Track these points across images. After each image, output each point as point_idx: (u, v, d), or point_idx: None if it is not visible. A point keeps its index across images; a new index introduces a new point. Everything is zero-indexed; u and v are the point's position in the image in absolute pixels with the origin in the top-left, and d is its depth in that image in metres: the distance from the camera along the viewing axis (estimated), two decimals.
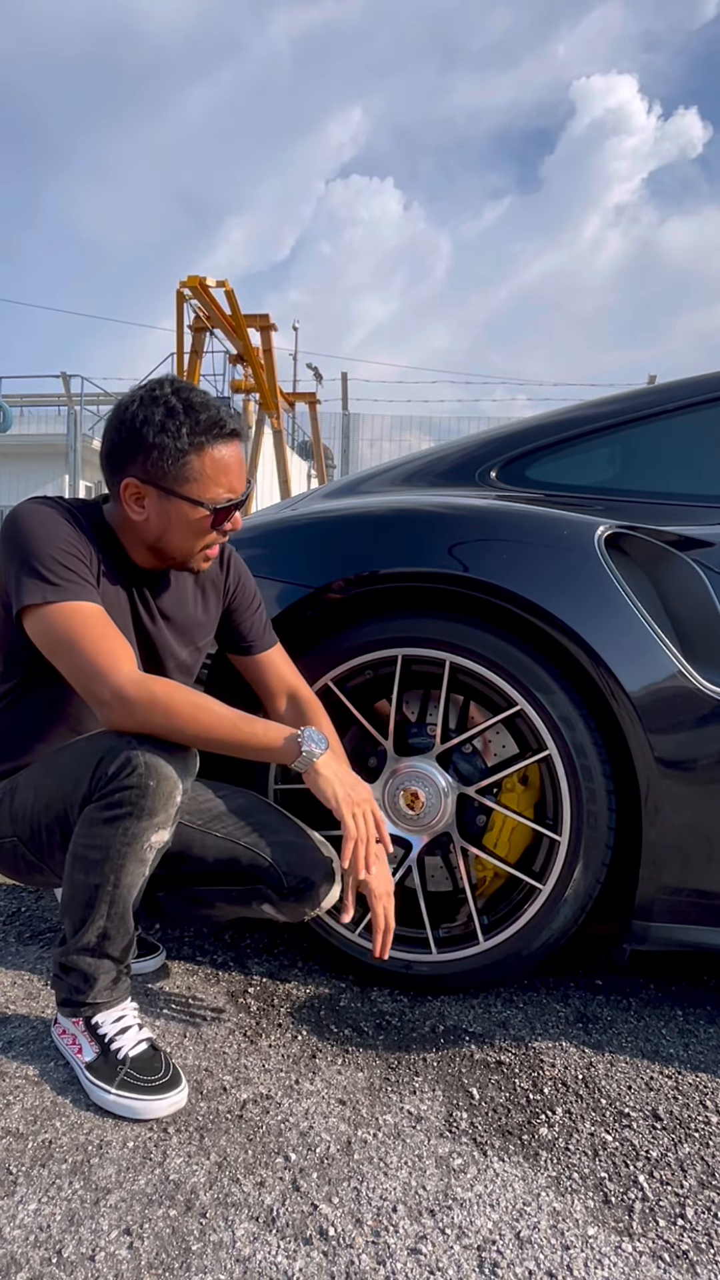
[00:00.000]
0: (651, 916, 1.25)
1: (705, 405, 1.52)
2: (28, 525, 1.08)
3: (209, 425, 1.09)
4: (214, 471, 1.11)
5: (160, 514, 1.12)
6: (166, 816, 1.06)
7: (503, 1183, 0.97)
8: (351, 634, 1.38)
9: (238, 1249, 0.86)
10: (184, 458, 1.09)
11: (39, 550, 1.07)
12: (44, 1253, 0.85)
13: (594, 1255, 0.87)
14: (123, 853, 1.05)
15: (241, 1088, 1.12)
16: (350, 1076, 1.16)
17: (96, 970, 1.10)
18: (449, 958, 1.35)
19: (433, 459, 1.72)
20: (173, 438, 1.08)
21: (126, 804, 1.03)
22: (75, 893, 1.08)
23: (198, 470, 1.10)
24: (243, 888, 1.18)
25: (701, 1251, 0.88)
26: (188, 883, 1.21)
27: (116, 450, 1.12)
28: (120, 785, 1.03)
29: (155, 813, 1.05)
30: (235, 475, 1.13)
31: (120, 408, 1.12)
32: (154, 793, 1.03)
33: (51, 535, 1.08)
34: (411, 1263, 0.85)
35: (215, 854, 1.19)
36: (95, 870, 1.06)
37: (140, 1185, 0.94)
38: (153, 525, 1.13)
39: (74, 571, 1.08)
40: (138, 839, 1.05)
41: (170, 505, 1.11)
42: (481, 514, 1.38)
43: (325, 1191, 0.94)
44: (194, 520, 1.12)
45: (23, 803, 1.14)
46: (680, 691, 1.21)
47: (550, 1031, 1.29)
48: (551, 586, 1.26)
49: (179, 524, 1.12)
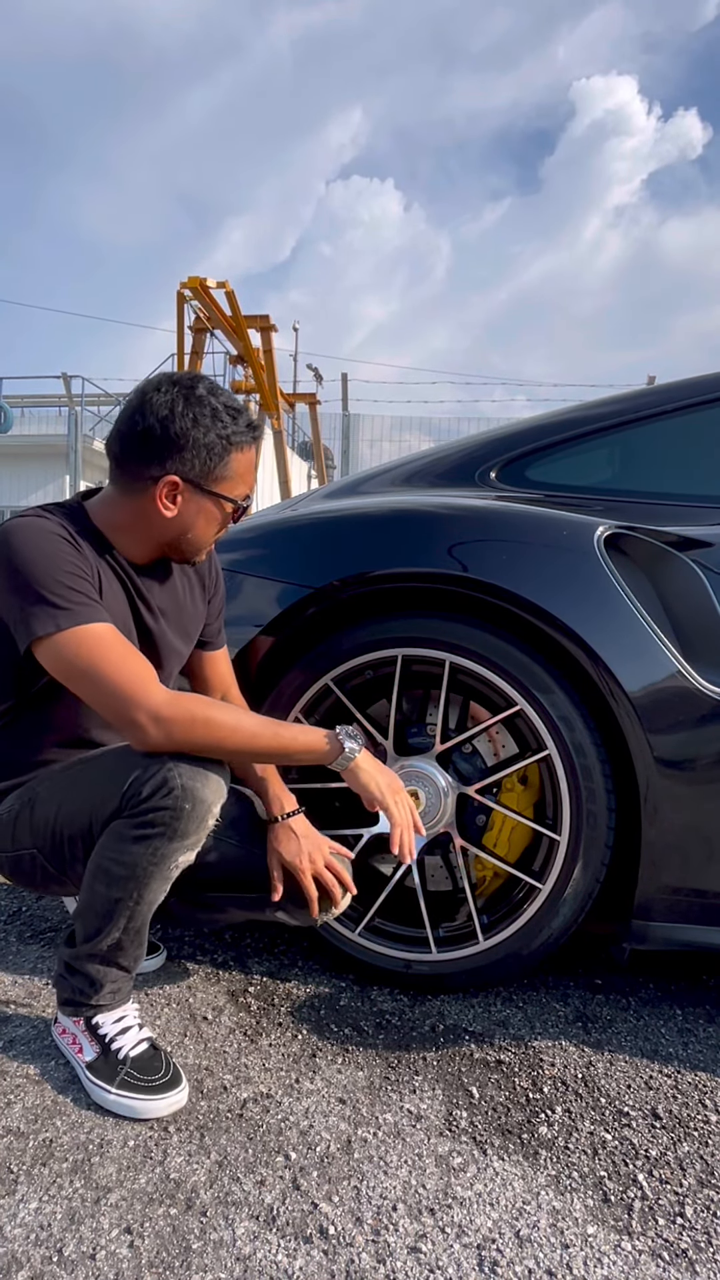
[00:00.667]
0: (651, 916, 1.25)
1: (704, 406, 1.53)
2: (23, 550, 1.03)
3: (247, 428, 1.13)
4: (244, 470, 1.14)
5: (193, 511, 1.12)
6: (198, 839, 1.06)
7: (502, 1181, 0.97)
8: (351, 634, 1.38)
9: (238, 1247, 0.86)
10: (226, 458, 1.11)
11: (40, 576, 1.02)
12: (45, 1251, 0.85)
13: (593, 1254, 0.87)
14: (149, 872, 1.05)
15: (242, 1087, 1.13)
16: (350, 1075, 1.16)
17: (103, 977, 1.10)
18: (449, 957, 1.35)
19: (433, 459, 1.72)
20: (221, 438, 1.09)
21: (159, 824, 1.03)
22: (94, 902, 1.08)
23: (234, 470, 1.12)
24: (256, 895, 1.19)
25: (701, 1250, 0.88)
26: (200, 888, 1.21)
27: (154, 446, 1.08)
28: (155, 806, 1.02)
29: (187, 835, 1.05)
30: (254, 473, 1.17)
31: (155, 403, 1.08)
32: (188, 815, 1.03)
33: (50, 557, 1.04)
34: (411, 1261, 0.85)
35: (229, 861, 1.18)
36: (118, 885, 1.05)
37: (141, 1184, 0.94)
38: (180, 522, 1.12)
39: (80, 592, 1.04)
40: (166, 860, 1.05)
41: (205, 503, 1.12)
42: (481, 514, 1.38)
43: (325, 1190, 0.95)
44: (219, 516, 1.15)
45: (45, 815, 1.12)
46: (679, 691, 1.21)
47: (550, 1031, 1.29)
48: (551, 587, 1.26)
49: (205, 520, 1.13)
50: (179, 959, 1.49)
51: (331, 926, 1.41)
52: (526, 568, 1.28)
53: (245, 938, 1.58)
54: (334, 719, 1.46)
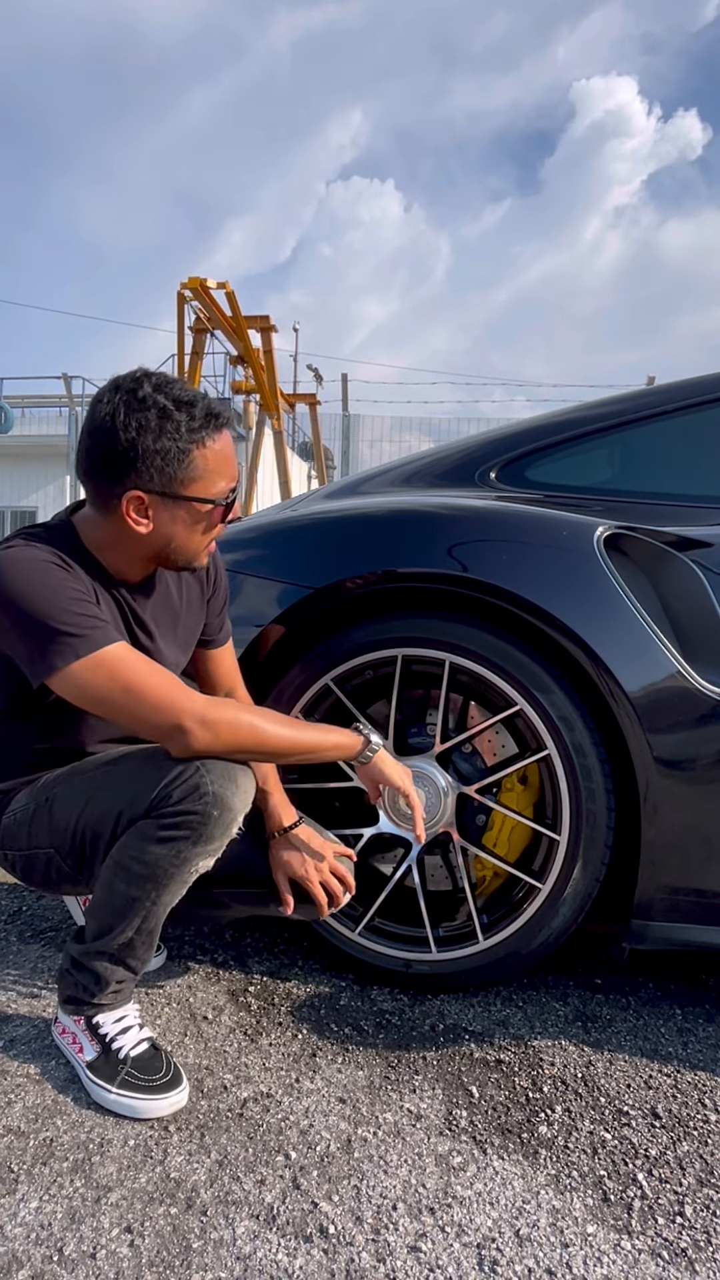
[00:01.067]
0: (650, 915, 1.25)
1: (704, 406, 1.53)
2: (20, 584, 1.00)
3: (205, 419, 1.04)
4: (216, 465, 1.06)
5: (168, 521, 1.06)
6: (220, 845, 1.07)
7: (502, 1181, 0.97)
8: (352, 634, 1.38)
9: (238, 1247, 0.86)
10: (187, 458, 1.03)
11: (46, 608, 0.99)
12: (45, 1250, 0.85)
13: (593, 1253, 0.87)
14: (170, 874, 1.05)
15: (242, 1086, 1.13)
16: (350, 1075, 1.16)
17: (110, 975, 1.11)
18: (449, 956, 1.35)
19: (432, 460, 1.72)
20: (172, 439, 1.01)
21: (186, 828, 1.03)
22: (110, 899, 1.07)
23: (201, 468, 1.04)
24: (260, 890, 1.19)
25: (700, 1249, 0.88)
26: (204, 885, 1.21)
27: (110, 463, 1.02)
28: (186, 810, 1.02)
29: (212, 839, 1.05)
30: (233, 464, 1.09)
31: (100, 416, 1.02)
32: (216, 821, 1.03)
33: (49, 587, 1.01)
34: (411, 1260, 0.86)
35: (235, 858, 1.18)
36: (137, 884, 1.05)
37: (141, 1183, 0.95)
38: (158, 535, 1.07)
39: (89, 616, 1.02)
40: (188, 863, 1.05)
41: (178, 510, 1.06)
42: (481, 514, 1.39)
43: (325, 1189, 0.95)
44: (199, 521, 1.08)
45: (65, 815, 1.10)
46: (679, 691, 1.21)
47: (549, 1030, 1.29)
48: (551, 587, 1.26)
49: (184, 528, 1.07)
50: (179, 958, 1.49)
51: (332, 926, 1.41)
52: (526, 568, 1.28)
53: (245, 937, 1.58)
54: (334, 719, 1.47)
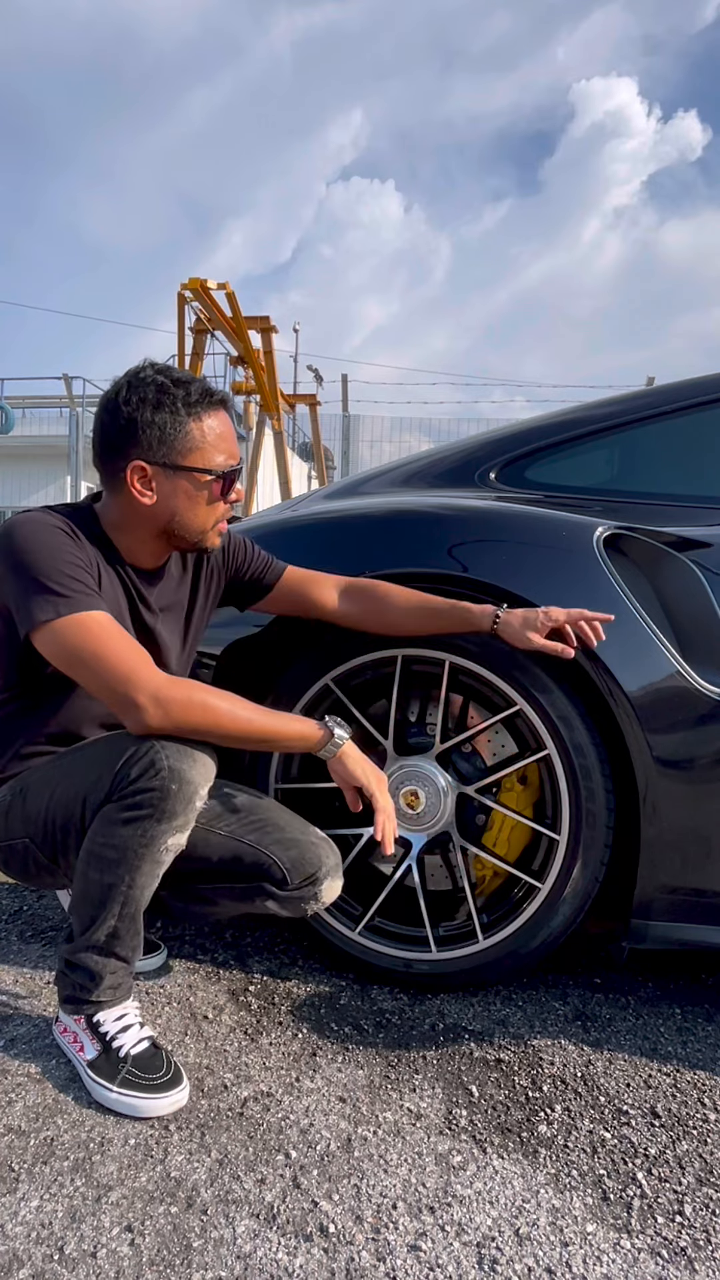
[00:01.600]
0: (650, 915, 1.25)
1: (703, 407, 1.53)
2: (26, 541, 1.08)
3: (200, 395, 1.12)
4: (214, 438, 1.13)
5: (170, 492, 1.13)
6: (186, 820, 1.07)
7: (502, 1180, 0.97)
8: (352, 634, 1.38)
9: (238, 1245, 0.87)
10: (184, 429, 1.11)
11: (42, 565, 1.06)
12: (46, 1249, 0.85)
13: (593, 1252, 0.87)
14: (140, 854, 1.06)
15: (242, 1085, 1.13)
16: (350, 1074, 1.16)
17: (103, 969, 1.11)
18: (448, 956, 1.35)
19: (432, 460, 1.72)
20: (170, 411, 1.10)
21: (147, 806, 1.04)
22: (88, 890, 1.09)
23: (198, 439, 1.12)
24: (246, 884, 1.19)
25: (700, 1248, 0.88)
26: (192, 880, 1.21)
27: (114, 439, 1.13)
28: (143, 787, 1.04)
29: (175, 815, 1.05)
30: (231, 442, 1.16)
31: (107, 400, 1.14)
32: (175, 796, 1.04)
33: (51, 549, 1.08)
34: (411, 1259, 0.86)
35: (219, 851, 1.19)
36: (110, 870, 1.06)
37: (142, 1182, 0.95)
38: (163, 507, 1.14)
39: (79, 581, 1.08)
40: (156, 841, 1.06)
41: (179, 480, 1.13)
42: (481, 515, 1.39)
43: (325, 1188, 0.95)
44: (202, 491, 1.14)
45: (36, 804, 1.14)
46: (678, 691, 1.21)
47: (549, 1029, 1.30)
48: (550, 587, 1.26)
49: (186, 498, 1.13)
50: (180, 958, 1.49)
51: (332, 925, 1.41)
52: (526, 568, 1.29)
53: (246, 936, 1.58)
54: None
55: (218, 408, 1.15)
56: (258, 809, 1.24)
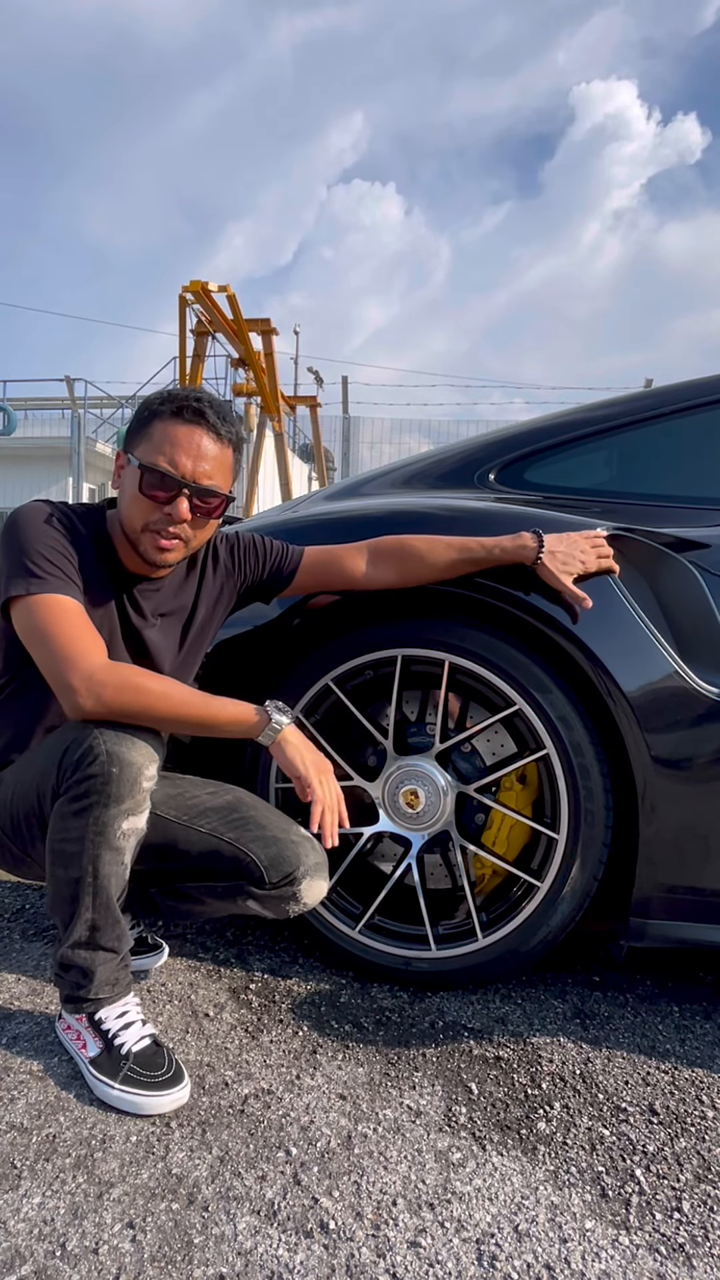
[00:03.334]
0: (648, 913, 1.26)
1: (701, 409, 1.54)
2: (22, 524, 1.14)
3: (177, 402, 1.15)
4: (160, 439, 1.14)
5: (122, 482, 1.18)
6: (135, 803, 1.07)
7: (501, 1177, 0.98)
8: (352, 634, 1.39)
9: (239, 1242, 0.87)
10: (147, 426, 1.16)
11: (28, 546, 1.12)
12: (48, 1246, 0.86)
13: (591, 1248, 0.88)
14: (96, 842, 1.07)
15: (243, 1083, 1.14)
16: (350, 1072, 1.17)
17: (93, 963, 1.12)
18: (448, 954, 1.36)
19: (432, 461, 1.73)
20: (150, 411, 1.16)
21: (93, 793, 1.05)
22: (59, 889, 1.10)
23: (152, 435, 1.15)
24: (227, 883, 1.18)
25: (698, 1245, 0.89)
26: (175, 879, 1.22)
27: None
28: (84, 775, 1.05)
29: (122, 799, 1.06)
30: (181, 451, 1.13)
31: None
32: (118, 779, 1.05)
33: (41, 533, 1.13)
34: (411, 1255, 0.86)
35: (199, 849, 1.19)
36: (74, 863, 1.08)
37: (143, 1179, 0.95)
38: (120, 498, 1.19)
39: (57, 566, 1.12)
40: (108, 826, 1.06)
41: (129, 471, 1.17)
42: (480, 516, 1.39)
43: (326, 1185, 0.95)
44: (135, 486, 1.15)
45: (3, 798, 1.17)
46: (676, 691, 1.22)
47: (548, 1027, 1.30)
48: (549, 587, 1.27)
49: (127, 491, 1.16)
50: (181, 956, 1.50)
51: (332, 924, 1.42)
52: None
53: (246, 935, 1.59)
54: (334, 719, 1.48)
55: (185, 420, 1.14)
56: (241, 807, 1.23)
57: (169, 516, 1.14)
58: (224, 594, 1.33)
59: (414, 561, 1.28)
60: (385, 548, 1.31)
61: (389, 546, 1.31)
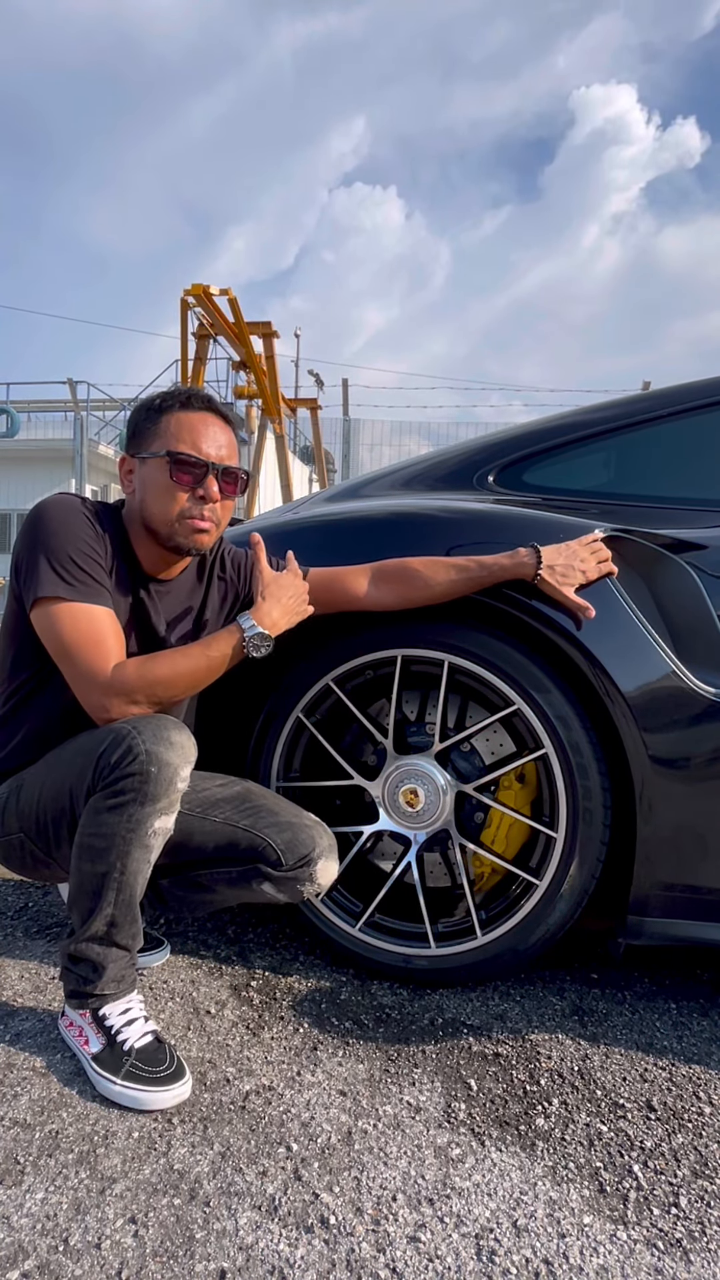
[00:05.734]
0: (646, 911, 1.26)
1: (699, 411, 1.55)
2: (53, 520, 1.14)
3: (181, 396, 1.20)
4: (177, 429, 1.18)
5: (141, 482, 1.19)
6: (169, 802, 1.10)
7: (500, 1172, 0.98)
8: (352, 635, 1.40)
9: (240, 1237, 0.88)
10: (156, 424, 1.18)
11: (60, 546, 1.12)
12: (51, 1241, 0.87)
13: (589, 1243, 0.88)
14: (128, 839, 1.08)
15: (244, 1079, 1.14)
16: (351, 1068, 1.18)
17: (105, 959, 1.13)
18: (447, 952, 1.37)
19: (432, 463, 1.74)
20: (152, 410, 1.20)
21: (130, 791, 1.07)
22: (83, 882, 1.11)
23: (163, 429, 1.18)
24: (242, 868, 1.21)
25: (695, 1240, 0.89)
26: (189, 869, 1.24)
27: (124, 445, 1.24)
28: (124, 773, 1.07)
29: (158, 798, 1.08)
30: (200, 436, 1.18)
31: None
32: (156, 779, 1.07)
33: (74, 533, 1.14)
34: (411, 1250, 0.87)
35: (215, 838, 1.22)
36: (102, 859, 1.09)
37: (145, 1175, 0.96)
38: (139, 499, 1.20)
39: (89, 574, 1.13)
40: (142, 825, 1.08)
41: (146, 469, 1.18)
42: (480, 517, 1.40)
43: (326, 1181, 0.96)
44: (160, 477, 1.17)
45: (29, 799, 1.17)
46: (674, 691, 1.23)
47: (547, 1024, 1.31)
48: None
49: (152, 486, 1.18)
50: (182, 953, 1.50)
51: (332, 922, 1.42)
52: None
53: (248, 932, 1.60)
54: (335, 719, 1.49)
55: (194, 408, 1.19)
56: (252, 796, 1.27)
57: (201, 499, 1.18)
58: (229, 601, 1.35)
59: (414, 584, 1.29)
60: (387, 570, 1.32)
61: (390, 569, 1.32)
